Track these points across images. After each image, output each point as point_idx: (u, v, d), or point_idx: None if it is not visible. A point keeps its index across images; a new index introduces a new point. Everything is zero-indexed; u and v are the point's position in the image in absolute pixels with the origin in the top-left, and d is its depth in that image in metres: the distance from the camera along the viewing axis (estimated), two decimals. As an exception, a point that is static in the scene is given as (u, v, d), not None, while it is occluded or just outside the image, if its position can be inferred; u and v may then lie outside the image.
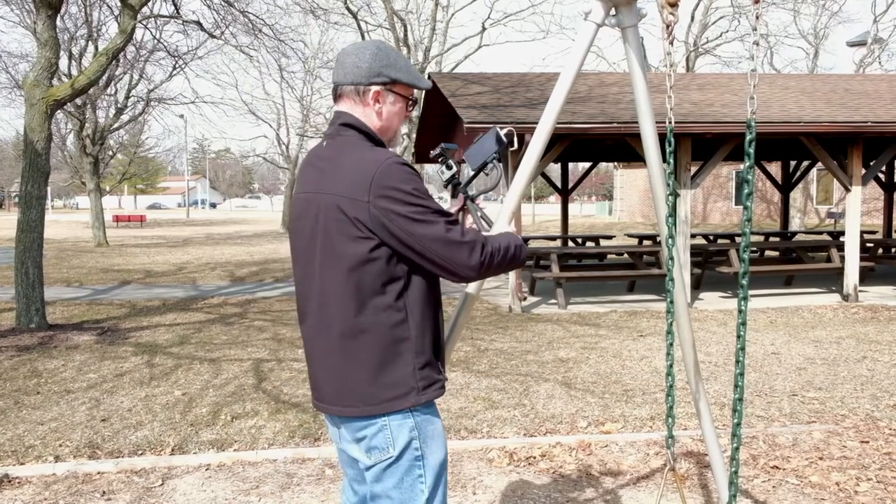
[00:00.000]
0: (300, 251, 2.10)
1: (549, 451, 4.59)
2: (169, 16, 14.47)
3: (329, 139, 2.09)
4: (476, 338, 8.22)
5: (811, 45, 31.76)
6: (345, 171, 1.96)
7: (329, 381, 2.04)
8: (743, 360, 2.39)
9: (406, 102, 2.14)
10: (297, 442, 4.85)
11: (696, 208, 34.25)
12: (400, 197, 1.90)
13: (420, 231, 1.91)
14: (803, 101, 11.89)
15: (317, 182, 2.03)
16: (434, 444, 2.05)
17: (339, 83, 2.09)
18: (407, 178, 1.92)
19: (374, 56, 2.06)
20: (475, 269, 1.96)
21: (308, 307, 2.09)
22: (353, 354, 1.98)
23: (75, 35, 22.00)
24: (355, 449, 2.07)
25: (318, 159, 2.08)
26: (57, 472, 4.36)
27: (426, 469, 2.03)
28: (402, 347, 1.98)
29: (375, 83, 2.06)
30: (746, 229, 2.33)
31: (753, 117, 2.27)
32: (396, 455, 1.99)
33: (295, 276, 2.15)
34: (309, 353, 2.12)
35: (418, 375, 2.00)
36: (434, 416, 2.07)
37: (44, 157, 8.92)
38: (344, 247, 1.94)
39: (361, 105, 2.08)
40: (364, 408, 1.98)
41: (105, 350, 7.77)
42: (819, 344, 7.79)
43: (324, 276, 2.00)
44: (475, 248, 1.95)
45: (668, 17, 2.58)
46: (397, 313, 1.97)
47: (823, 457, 4.45)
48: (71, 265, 17.50)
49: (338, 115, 2.09)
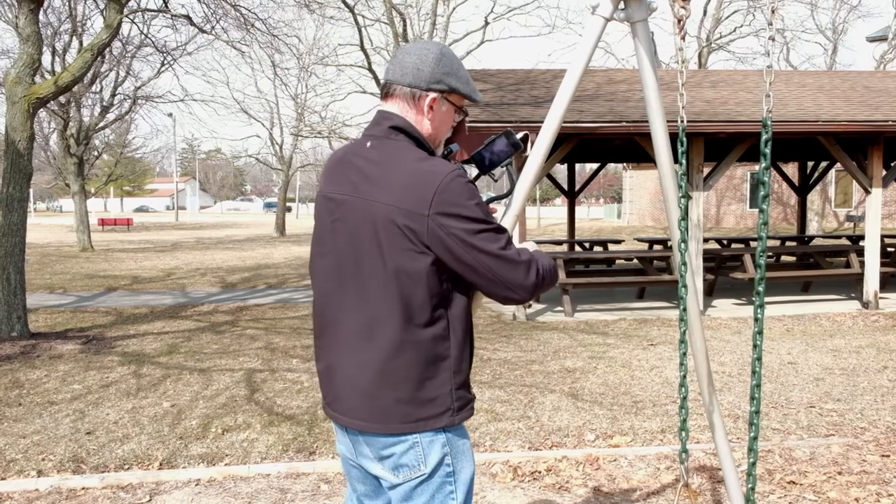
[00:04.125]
0: (329, 256, 2.06)
1: (554, 465, 4.59)
2: (157, 10, 14.47)
3: (374, 140, 2.05)
4: (479, 347, 8.21)
5: (829, 40, 31.81)
6: (401, 181, 1.93)
7: (356, 395, 2.01)
8: (759, 371, 2.39)
9: (456, 112, 2.14)
10: (291, 456, 4.85)
11: (710, 211, 34.26)
12: (463, 213, 1.89)
13: (481, 247, 1.91)
14: (821, 99, 11.90)
15: (361, 187, 1.99)
16: (464, 460, 2.05)
17: (393, 82, 2.06)
18: (470, 193, 1.92)
19: (438, 61, 2.05)
20: (529, 289, 1.96)
21: (338, 316, 2.05)
22: (393, 370, 1.96)
23: (59, 30, 22.05)
24: (377, 467, 2.04)
25: (362, 160, 2.04)
26: (40, 487, 4.36)
27: (458, 485, 2.03)
28: (443, 365, 1.98)
29: (434, 90, 2.05)
30: (762, 233, 2.34)
31: (769, 116, 2.27)
32: (429, 472, 1.99)
33: (319, 281, 2.11)
34: (330, 365, 2.08)
35: (455, 395, 2.00)
36: (464, 431, 2.07)
37: (26, 157, 8.93)
38: (395, 260, 1.92)
39: (415, 110, 2.06)
40: (396, 425, 1.97)
41: (90, 360, 7.78)
42: (838, 353, 7.79)
43: (367, 286, 1.97)
44: (531, 267, 1.96)
45: (680, 11, 2.59)
46: (441, 330, 1.97)
47: (842, 471, 4.45)
48: (54, 271, 17.51)
49: (386, 116, 2.06)
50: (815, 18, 59.55)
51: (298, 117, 33.87)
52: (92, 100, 25.38)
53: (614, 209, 48.49)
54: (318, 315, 2.13)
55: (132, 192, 78.33)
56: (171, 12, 13.60)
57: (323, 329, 2.11)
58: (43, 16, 16.52)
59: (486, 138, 2.35)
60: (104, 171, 40.79)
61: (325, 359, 2.10)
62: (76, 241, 25.02)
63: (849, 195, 30.09)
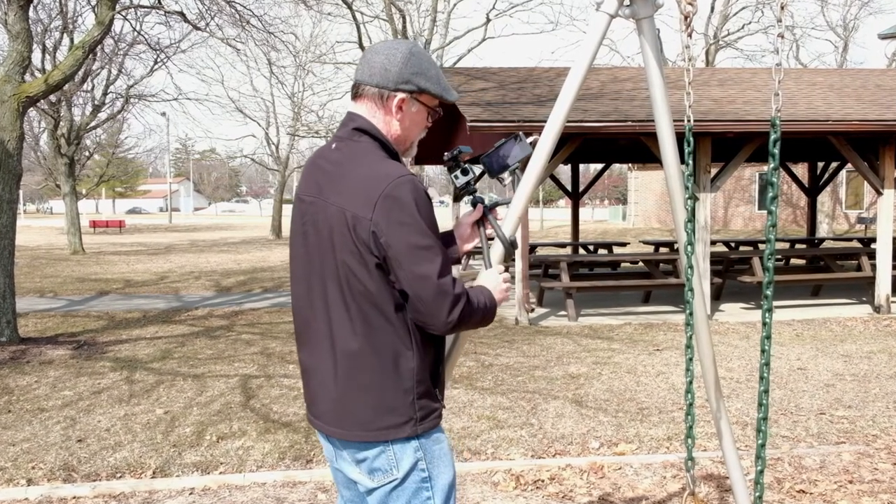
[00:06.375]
0: (301, 258, 2.10)
1: (558, 473, 4.59)
2: (150, 6, 14.52)
3: (339, 142, 2.08)
4: (480, 352, 8.22)
5: (840, 37, 31.87)
6: (353, 183, 1.96)
7: (327, 402, 2.05)
8: (767, 377, 2.40)
9: (428, 113, 2.14)
10: (287, 464, 4.85)
11: (717, 213, 34.27)
12: (404, 220, 1.89)
13: (412, 262, 1.89)
14: (831, 97, 11.91)
15: (322, 188, 2.04)
16: (441, 465, 2.06)
17: (362, 82, 2.08)
18: (417, 200, 1.92)
19: (406, 60, 2.05)
20: (447, 325, 1.94)
21: (308, 320, 2.09)
22: (353, 377, 1.99)
23: (49, 27, 22.05)
24: (355, 471, 2.08)
25: (326, 161, 2.08)
26: (29, 496, 4.36)
27: (434, 491, 2.04)
28: (404, 373, 1.99)
29: (402, 90, 2.05)
30: (771, 236, 2.34)
31: (778, 115, 2.28)
32: (402, 477, 2.01)
33: (293, 284, 2.15)
34: (306, 368, 2.13)
35: (417, 405, 2.01)
36: (440, 435, 2.08)
37: (15, 158, 8.94)
38: (346, 263, 1.95)
39: (382, 111, 2.07)
40: (358, 432, 2.00)
41: (81, 365, 7.78)
42: (848, 359, 7.79)
43: (326, 290, 2.01)
44: (458, 303, 1.92)
45: (687, 7, 2.60)
46: (401, 338, 1.98)
47: (853, 480, 4.44)
48: (45, 274, 17.52)
49: (352, 118, 2.08)
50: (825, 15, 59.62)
51: (295, 116, 33.93)
52: (83, 98, 25.43)
53: (619, 211, 48.47)
54: (295, 318, 2.18)
55: (124, 193, 78.45)
56: (164, 9, 13.64)
57: (298, 332, 2.16)
58: (33, 12, 16.55)
59: (486, 138, 2.35)
60: (96, 172, 40.77)
61: (303, 362, 2.15)
62: (67, 243, 25.04)
63: (860, 196, 30.07)
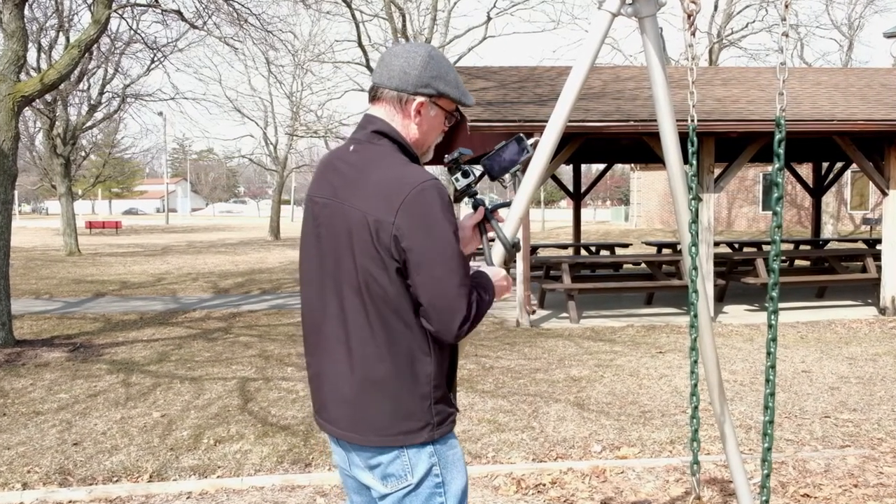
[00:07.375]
0: (313, 261, 2.09)
1: (559, 477, 4.59)
2: (147, 4, 14.52)
3: (357, 144, 2.07)
4: (481, 354, 8.22)
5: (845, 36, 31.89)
6: (375, 187, 1.95)
7: (342, 406, 2.04)
8: (773, 379, 2.40)
9: (446, 117, 2.15)
10: (285, 468, 4.85)
11: (721, 214, 34.27)
12: (427, 224, 1.90)
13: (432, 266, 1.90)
14: (836, 97, 11.91)
15: (336, 190, 2.03)
16: (455, 470, 2.07)
17: (380, 85, 2.08)
18: (442, 206, 1.92)
19: (426, 64, 2.05)
20: (457, 339, 1.96)
21: (319, 324, 2.08)
22: (370, 381, 1.98)
23: (45, 25, 22.06)
24: (368, 476, 2.07)
25: (343, 163, 2.07)
26: (25, 500, 4.36)
27: (448, 496, 2.05)
28: (421, 378, 1.99)
29: (421, 94, 2.06)
30: (776, 237, 2.34)
31: (783, 115, 2.28)
32: (416, 483, 2.01)
33: (303, 287, 2.14)
34: (317, 372, 2.11)
35: (434, 410, 2.01)
36: (453, 441, 2.09)
37: (10, 158, 8.95)
38: (365, 267, 1.94)
39: (401, 114, 2.07)
40: (375, 438, 2.00)
41: (77, 368, 7.78)
42: (854, 361, 7.79)
43: (342, 293, 2.00)
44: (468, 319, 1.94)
45: (690, 5, 2.60)
46: (419, 343, 1.98)
47: (858, 484, 4.44)
48: (40, 275, 17.52)
49: (371, 120, 2.08)
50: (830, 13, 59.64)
51: (293, 116, 33.95)
52: (79, 98, 25.42)
53: (622, 211, 48.47)
54: (305, 321, 2.17)
55: (121, 193, 78.51)
56: (161, 7, 13.65)
57: (308, 335, 2.15)
58: (28, 11, 16.56)
59: (487, 138, 2.35)
60: (92, 172, 40.86)
61: (313, 366, 2.14)
62: (63, 244, 25.03)
63: (865, 197, 30.08)
